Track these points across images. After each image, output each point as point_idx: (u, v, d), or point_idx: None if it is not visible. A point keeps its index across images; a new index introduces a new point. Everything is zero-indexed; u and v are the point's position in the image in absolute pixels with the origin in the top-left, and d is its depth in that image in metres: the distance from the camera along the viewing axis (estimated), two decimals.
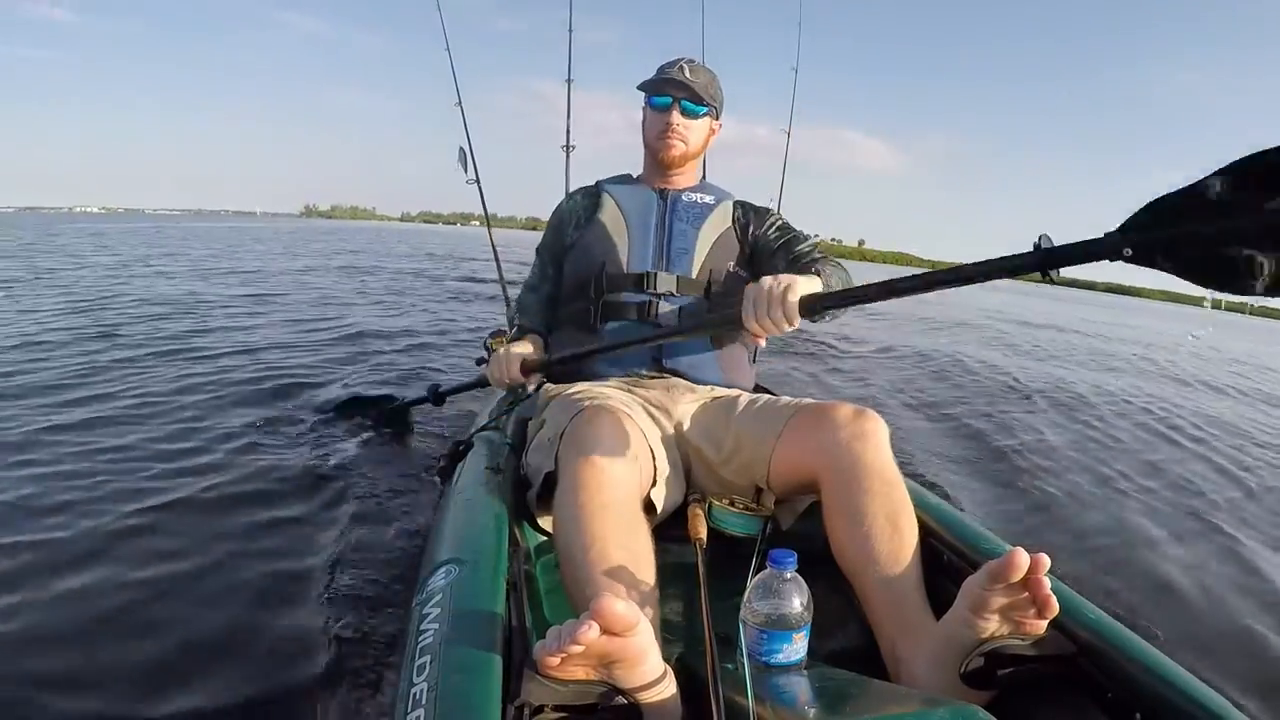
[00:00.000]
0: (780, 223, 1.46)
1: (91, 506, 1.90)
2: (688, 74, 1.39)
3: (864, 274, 1.28)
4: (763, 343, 1.30)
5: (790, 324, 1.02)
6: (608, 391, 1.22)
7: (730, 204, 1.46)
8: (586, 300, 1.35)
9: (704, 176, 1.55)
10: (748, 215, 1.47)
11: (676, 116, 1.39)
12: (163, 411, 2.81)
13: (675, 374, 1.31)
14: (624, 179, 1.51)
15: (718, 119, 1.47)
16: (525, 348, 1.37)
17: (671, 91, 1.38)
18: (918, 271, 1.02)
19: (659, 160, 1.43)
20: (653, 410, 1.20)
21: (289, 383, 3.46)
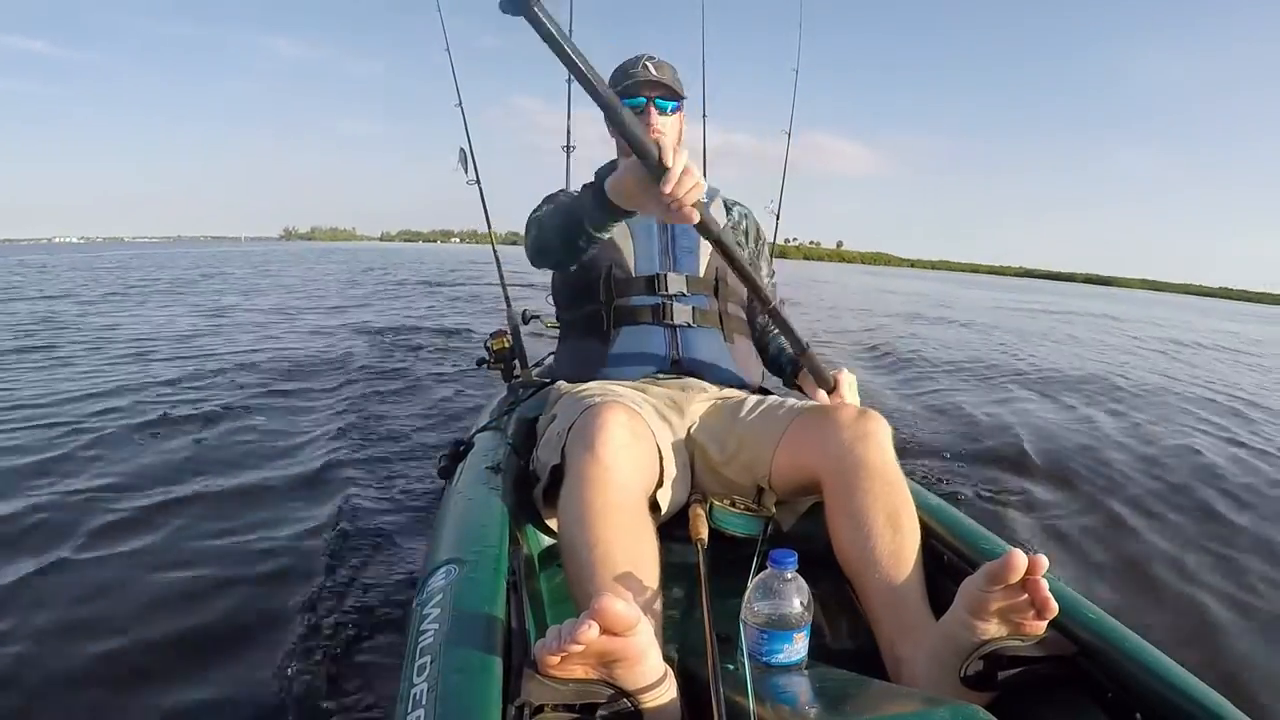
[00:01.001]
0: (755, 246, 1.51)
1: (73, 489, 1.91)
2: (654, 71, 1.38)
3: (843, 274, 1.37)
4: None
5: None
6: (619, 390, 1.21)
7: (720, 200, 1.49)
8: (595, 305, 1.33)
9: None
10: (739, 214, 1.52)
11: (654, 116, 1.38)
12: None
13: (692, 374, 1.30)
14: None
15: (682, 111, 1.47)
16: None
17: (645, 92, 1.37)
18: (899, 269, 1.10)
19: None
20: (664, 410, 1.20)
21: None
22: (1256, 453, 3.24)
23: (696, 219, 0.95)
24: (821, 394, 1.29)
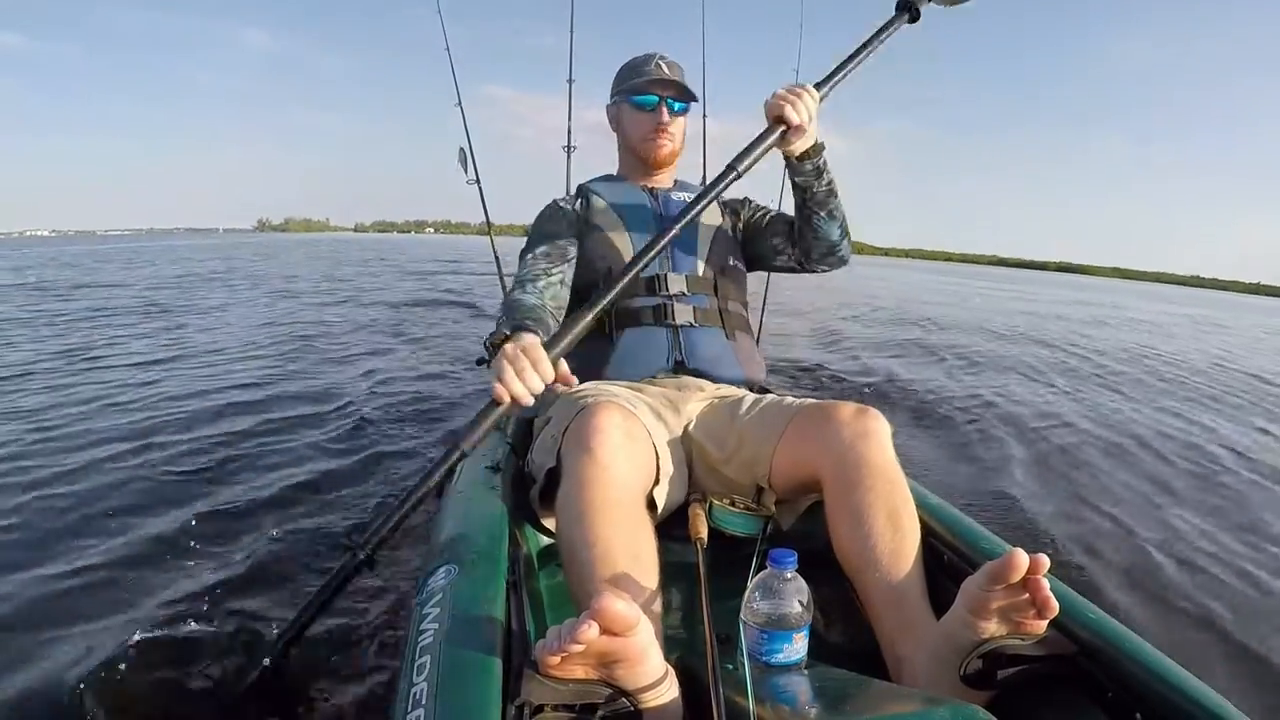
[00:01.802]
0: (760, 205, 1.55)
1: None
2: (667, 71, 1.37)
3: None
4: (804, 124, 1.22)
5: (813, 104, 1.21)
6: (615, 390, 1.21)
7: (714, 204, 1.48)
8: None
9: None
10: (732, 208, 1.51)
11: (665, 115, 1.37)
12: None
13: (697, 373, 1.30)
14: (607, 178, 1.50)
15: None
16: (530, 338, 1.06)
17: (657, 90, 1.36)
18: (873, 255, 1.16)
19: (648, 161, 1.42)
20: (659, 409, 1.20)
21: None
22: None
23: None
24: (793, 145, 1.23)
